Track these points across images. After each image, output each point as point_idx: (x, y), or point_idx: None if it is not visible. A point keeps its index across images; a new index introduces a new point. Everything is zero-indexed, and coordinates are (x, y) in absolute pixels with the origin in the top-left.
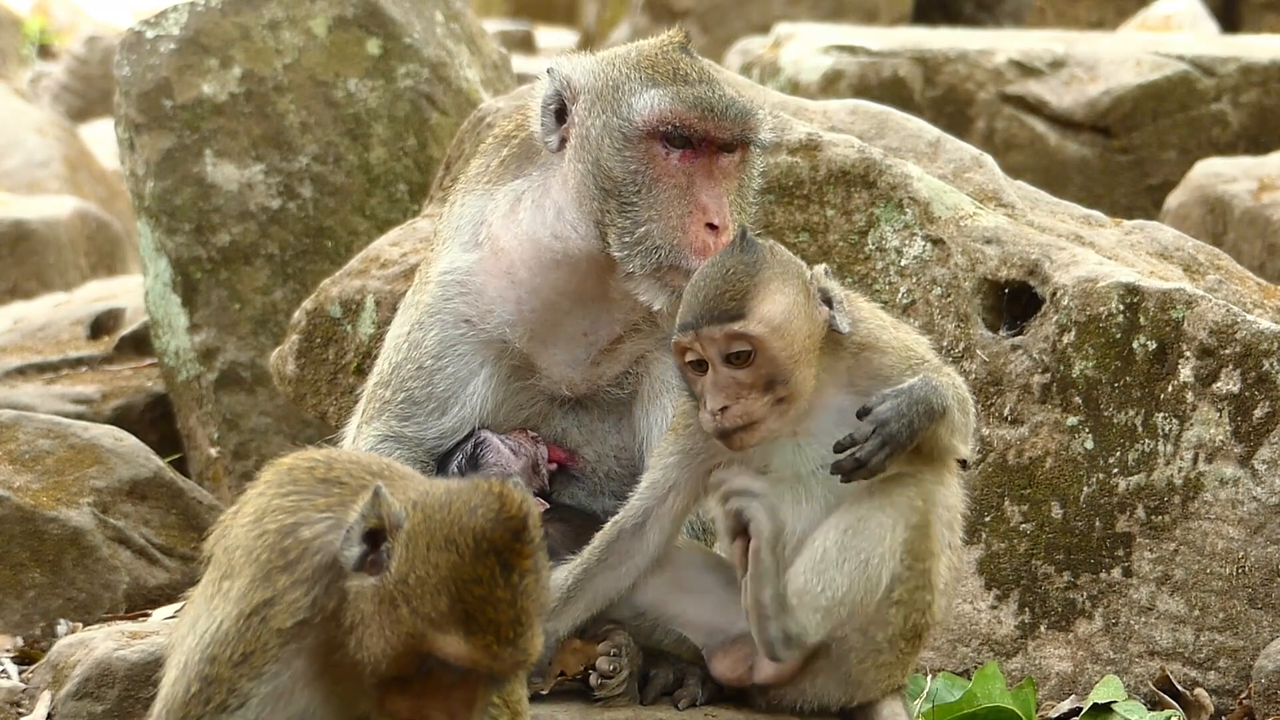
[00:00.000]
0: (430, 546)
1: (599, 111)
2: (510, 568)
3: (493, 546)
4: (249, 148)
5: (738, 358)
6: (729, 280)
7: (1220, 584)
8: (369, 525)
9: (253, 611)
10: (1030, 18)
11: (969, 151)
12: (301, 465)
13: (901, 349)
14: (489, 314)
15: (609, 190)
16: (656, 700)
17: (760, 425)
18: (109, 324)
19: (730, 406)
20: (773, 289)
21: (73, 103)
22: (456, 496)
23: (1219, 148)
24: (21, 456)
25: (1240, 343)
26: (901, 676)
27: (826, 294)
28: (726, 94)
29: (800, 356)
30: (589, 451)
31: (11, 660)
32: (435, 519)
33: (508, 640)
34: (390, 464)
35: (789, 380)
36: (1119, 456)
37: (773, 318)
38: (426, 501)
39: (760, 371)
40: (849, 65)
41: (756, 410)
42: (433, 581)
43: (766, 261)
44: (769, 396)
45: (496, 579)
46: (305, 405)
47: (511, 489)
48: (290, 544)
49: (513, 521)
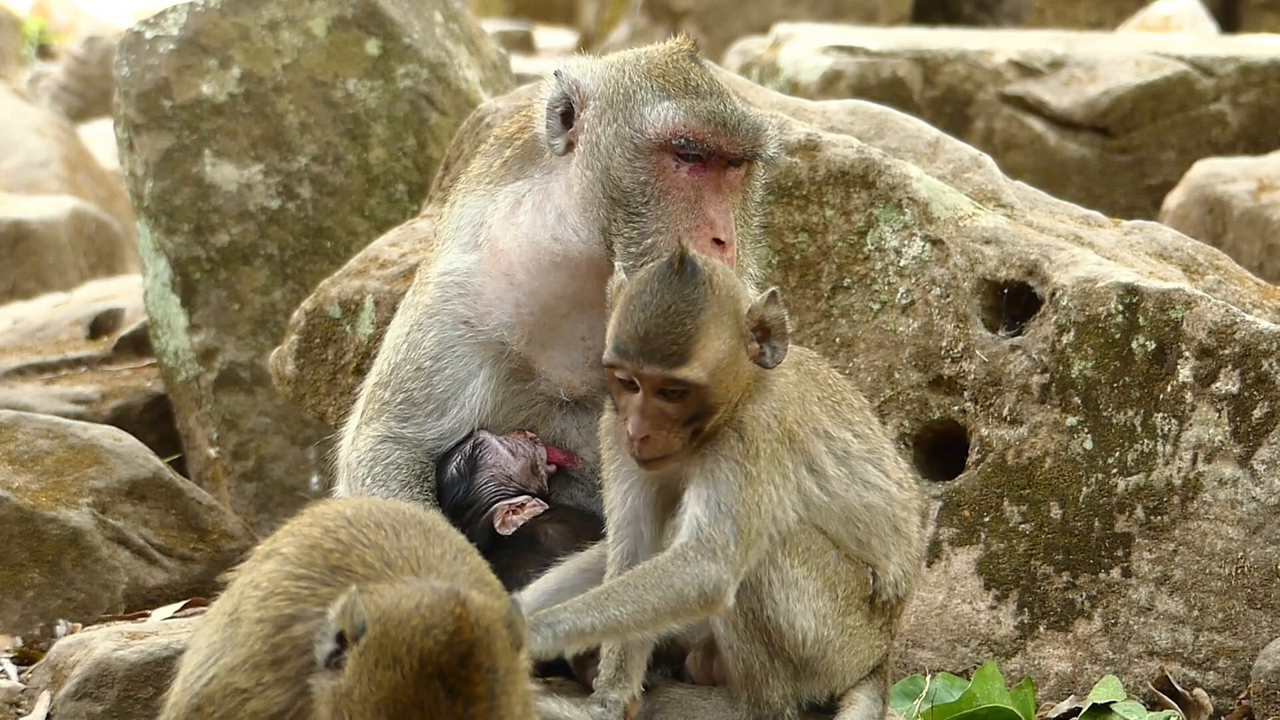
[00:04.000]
0: (379, 663)
1: (610, 119)
2: (455, 695)
3: (438, 670)
4: (248, 148)
5: (672, 394)
6: (671, 320)
7: (1219, 584)
8: (339, 627)
9: (235, 690)
10: (1029, 18)
11: (968, 152)
12: (322, 545)
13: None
14: (488, 316)
15: (617, 199)
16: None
17: (674, 456)
18: (108, 324)
19: (650, 436)
20: (712, 333)
21: (72, 103)
22: (418, 612)
23: (1218, 148)
24: (21, 457)
25: (1239, 343)
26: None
27: (765, 324)
28: (738, 108)
29: (730, 396)
30: (588, 453)
31: (11, 660)
32: (390, 635)
33: None
34: (418, 551)
35: (711, 417)
36: (1118, 457)
37: (711, 363)
38: (390, 614)
39: (689, 409)
40: (848, 65)
41: (675, 443)
42: (373, 700)
43: (708, 300)
44: (690, 429)
45: (439, 706)
46: (304, 405)
47: (474, 608)
48: (281, 640)
49: (462, 646)
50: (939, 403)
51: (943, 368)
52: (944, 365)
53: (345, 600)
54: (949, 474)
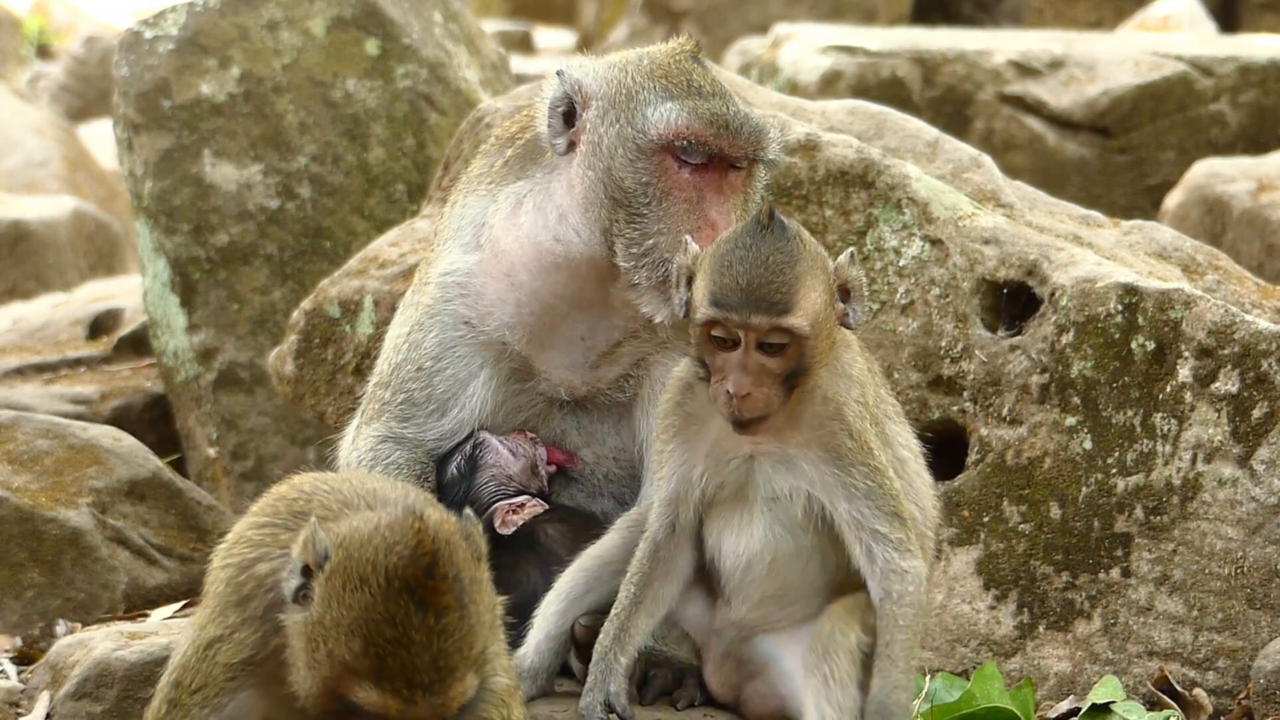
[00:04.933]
0: (346, 586)
1: (612, 120)
2: (425, 606)
3: (405, 584)
4: (247, 148)
5: (773, 347)
6: (772, 270)
7: (1219, 584)
8: (304, 560)
9: (206, 645)
10: (1029, 18)
11: (967, 152)
12: (286, 495)
13: (864, 452)
14: (488, 316)
15: (618, 200)
16: (655, 701)
17: (771, 420)
18: (108, 324)
19: (752, 394)
20: (809, 284)
21: (71, 103)
22: (379, 533)
23: (1217, 148)
24: (20, 457)
25: (1239, 343)
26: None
27: (846, 285)
28: (741, 110)
29: (825, 352)
30: (588, 453)
31: (10, 660)
32: (354, 557)
33: (423, 686)
34: (376, 490)
35: (809, 374)
36: (1117, 457)
37: (812, 312)
38: (351, 538)
39: (789, 363)
40: (848, 65)
41: (775, 401)
42: (345, 623)
43: (801, 252)
44: (787, 386)
45: (411, 620)
46: (304, 405)
47: (432, 522)
48: (245, 579)
49: (425, 558)
50: (938, 403)
51: (942, 368)
52: (943, 365)
53: (305, 533)
54: (948, 474)
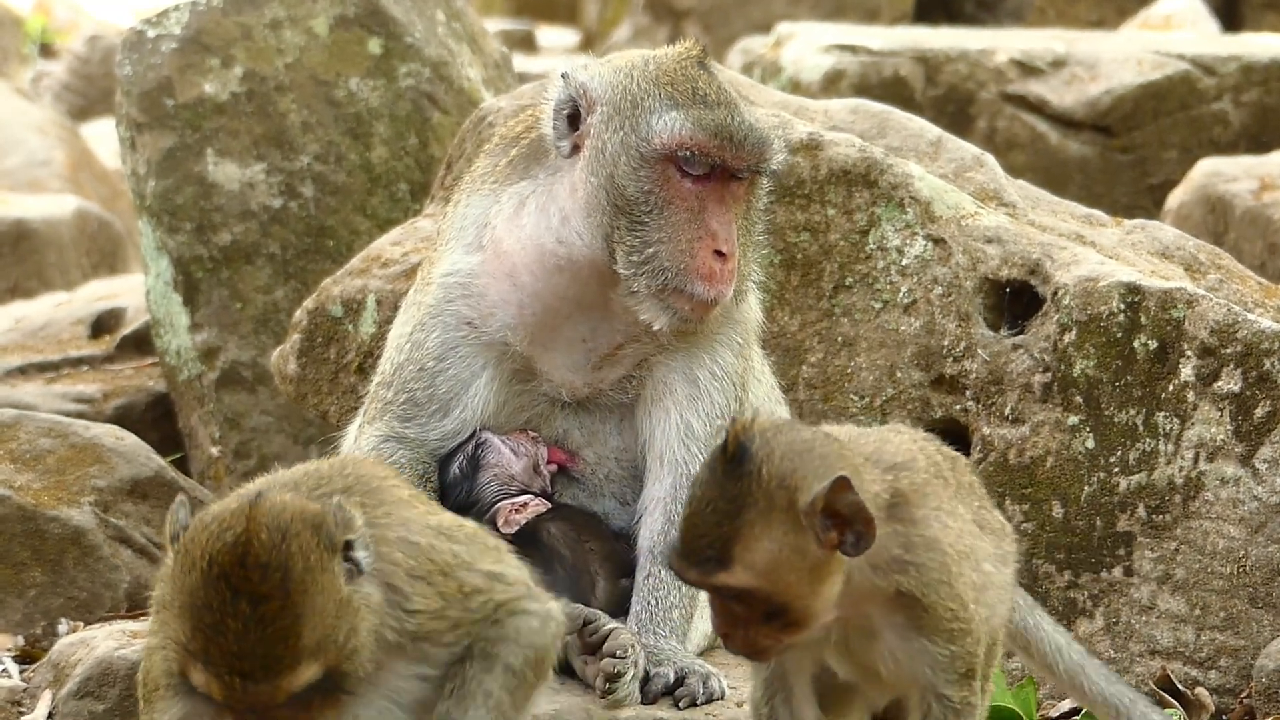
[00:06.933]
0: (181, 567)
1: (616, 127)
2: (239, 593)
3: (221, 571)
4: (250, 147)
5: (730, 595)
6: (710, 522)
7: (1221, 583)
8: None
9: (150, 651)
10: (1031, 17)
11: (970, 151)
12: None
13: (951, 626)
14: (490, 317)
15: (620, 207)
16: (657, 700)
17: (773, 647)
18: (110, 323)
19: (732, 635)
20: (757, 532)
21: (74, 102)
22: (217, 518)
23: (1220, 147)
24: (22, 456)
25: (1241, 342)
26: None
27: (836, 511)
28: (745, 120)
29: (800, 590)
30: (590, 453)
31: (13, 659)
32: (193, 539)
33: (243, 673)
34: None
35: (790, 612)
36: (1120, 456)
37: (760, 564)
38: (201, 519)
39: (757, 610)
40: (850, 64)
41: (761, 640)
42: (177, 605)
43: (752, 495)
44: (773, 625)
45: (226, 606)
46: (306, 404)
47: (266, 509)
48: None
49: (238, 547)
50: (941, 402)
51: (945, 367)
52: (946, 364)
53: (170, 508)
54: None
